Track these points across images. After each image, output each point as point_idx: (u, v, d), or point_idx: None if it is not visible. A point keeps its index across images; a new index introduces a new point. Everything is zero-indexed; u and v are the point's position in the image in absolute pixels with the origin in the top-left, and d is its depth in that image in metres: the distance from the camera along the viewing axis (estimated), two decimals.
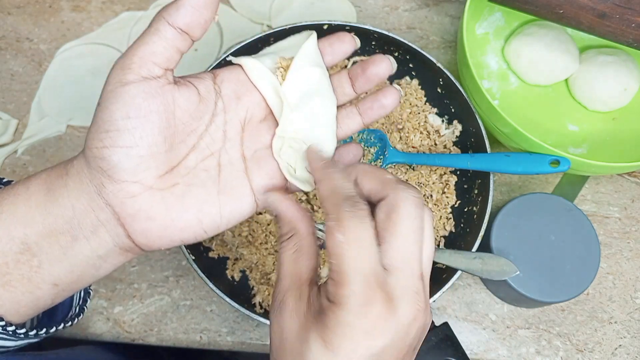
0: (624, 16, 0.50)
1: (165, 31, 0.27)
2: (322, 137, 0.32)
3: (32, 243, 0.27)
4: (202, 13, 0.28)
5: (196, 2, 0.27)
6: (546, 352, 0.53)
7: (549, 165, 0.49)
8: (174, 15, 0.27)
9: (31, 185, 0.28)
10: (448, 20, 0.68)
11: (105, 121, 0.27)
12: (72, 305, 0.35)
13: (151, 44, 0.27)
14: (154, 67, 0.28)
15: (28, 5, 0.68)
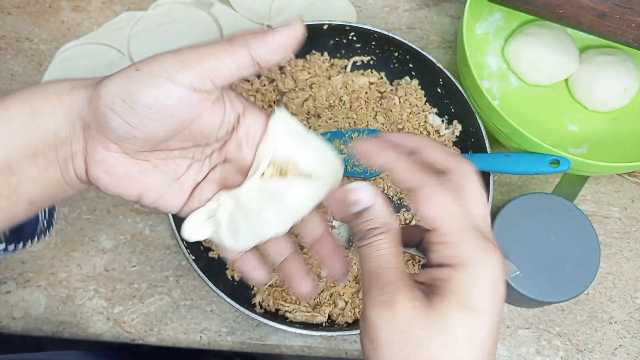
0: (624, 16, 0.50)
1: (241, 57, 0.28)
2: (271, 221, 0.31)
3: (13, 163, 0.28)
4: (283, 52, 0.29)
5: (283, 41, 0.28)
6: (546, 352, 0.53)
7: (549, 165, 0.49)
8: (259, 48, 0.28)
9: (11, 106, 0.29)
10: (448, 20, 0.68)
11: (130, 92, 0.27)
12: (39, 220, 0.36)
13: (220, 63, 0.28)
14: (209, 82, 0.28)
15: (28, 5, 0.68)
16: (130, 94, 0.27)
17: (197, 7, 0.69)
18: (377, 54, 0.60)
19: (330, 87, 0.59)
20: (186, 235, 0.32)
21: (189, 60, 0.28)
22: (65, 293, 0.54)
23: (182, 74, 0.27)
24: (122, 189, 0.31)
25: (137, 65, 0.28)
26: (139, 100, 0.27)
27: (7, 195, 0.29)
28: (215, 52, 0.28)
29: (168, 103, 0.28)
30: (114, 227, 0.57)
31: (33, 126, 0.28)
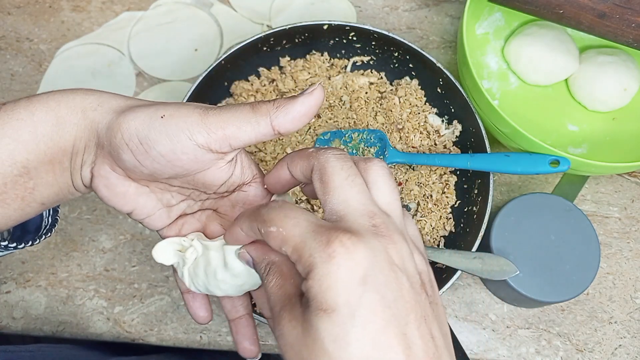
0: (624, 16, 0.50)
1: (263, 127, 0.29)
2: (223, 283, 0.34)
3: (31, 168, 0.30)
4: (303, 120, 0.30)
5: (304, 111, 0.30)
6: (546, 352, 0.53)
7: (549, 165, 0.49)
8: (281, 118, 0.29)
9: (36, 112, 0.30)
10: (448, 20, 0.68)
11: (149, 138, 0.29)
12: (43, 217, 0.37)
13: (241, 131, 0.29)
14: (227, 146, 0.30)
15: (28, 5, 0.68)
16: (148, 140, 0.29)
17: (197, 7, 0.69)
18: (377, 54, 0.60)
19: (330, 87, 0.59)
20: (155, 255, 0.35)
21: (212, 125, 0.29)
22: (65, 293, 0.54)
23: (203, 136, 0.29)
24: (117, 203, 0.33)
25: (164, 110, 0.29)
26: (156, 147, 0.29)
27: (23, 197, 0.30)
28: (239, 122, 0.29)
29: (182, 157, 0.29)
30: (114, 227, 0.57)
31: (56, 136, 0.30)
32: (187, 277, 0.35)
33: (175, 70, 0.65)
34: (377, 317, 0.24)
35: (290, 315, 0.26)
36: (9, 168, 0.29)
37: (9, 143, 0.29)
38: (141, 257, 0.56)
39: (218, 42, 0.67)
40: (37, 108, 0.30)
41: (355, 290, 0.24)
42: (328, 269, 0.24)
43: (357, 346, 0.23)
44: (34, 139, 0.30)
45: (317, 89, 0.30)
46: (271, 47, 0.58)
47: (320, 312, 0.24)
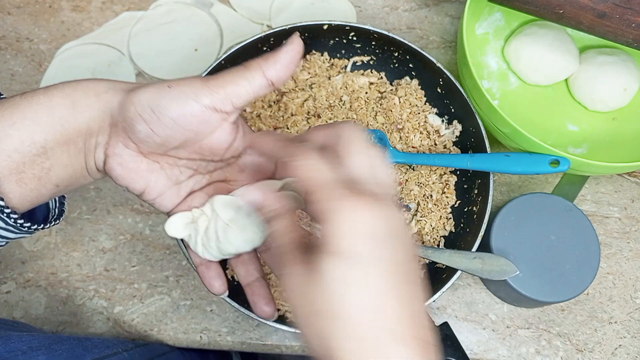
0: (624, 16, 0.50)
1: (258, 80, 0.33)
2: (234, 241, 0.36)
3: (48, 148, 0.32)
4: (291, 67, 0.33)
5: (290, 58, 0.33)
6: (546, 352, 0.53)
7: (549, 165, 0.49)
8: (272, 68, 0.33)
9: (54, 97, 0.32)
10: (448, 20, 0.68)
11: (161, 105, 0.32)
12: (50, 207, 0.39)
13: (240, 87, 0.32)
14: (229, 104, 0.33)
15: (28, 5, 0.68)
16: (160, 107, 0.32)
17: (197, 7, 0.69)
18: (377, 54, 0.60)
19: (330, 87, 0.59)
20: (168, 229, 0.37)
21: (213, 86, 0.32)
22: (65, 293, 0.55)
23: (207, 97, 0.32)
24: (129, 181, 0.35)
25: (169, 83, 0.32)
26: (168, 113, 0.32)
27: (39, 177, 0.32)
28: (235, 79, 0.32)
29: (191, 119, 0.32)
30: (114, 227, 0.57)
31: (72, 118, 0.32)
32: (200, 245, 0.37)
33: (175, 70, 0.65)
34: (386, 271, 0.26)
35: (295, 261, 0.28)
36: (28, 148, 0.31)
37: (28, 125, 0.31)
38: (141, 257, 0.56)
39: (218, 42, 0.67)
40: (54, 94, 0.32)
41: (369, 244, 0.26)
42: (347, 218, 0.26)
43: (359, 292, 0.26)
44: (52, 121, 0.32)
45: (295, 39, 0.33)
46: (271, 47, 0.58)
47: (332, 255, 0.26)
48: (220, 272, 0.39)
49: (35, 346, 0.37)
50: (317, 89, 0.59)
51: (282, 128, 0.58)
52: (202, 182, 0.38)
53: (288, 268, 0.28)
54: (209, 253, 0.37)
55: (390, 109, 0.58)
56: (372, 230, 0.26)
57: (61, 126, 0.32)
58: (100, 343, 0.43)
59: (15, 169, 0.31)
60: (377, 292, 0.26)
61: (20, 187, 0.32)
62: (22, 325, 0.47)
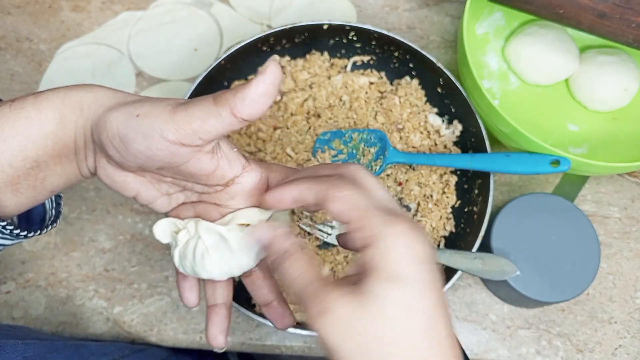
0: (624, 16, 0.50)
1: (225, 117, 0.30)
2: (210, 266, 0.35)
3: (41, 162, 0.32)
4: (264, 102, 0.30)
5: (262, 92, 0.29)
6: (546, 352, 0.53)
7: (549, 165, 0.49)
8: (239, 105, 0.29)
9: (43, 111, 0.32)
10: (448, 20, 0.68)
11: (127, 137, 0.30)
12: (46, 209, 0.39)
13: (207, 124, 0.30)
14: (197, 139, 0.30)
15: (28, 5, 0.68)
16: (127, 138, 0.30)
17: (197, 6, 0.69)
18: (377, 54, 0.60)
19: (330, 87, 0.59)
20: (155, 232, 0.36)
21: (180, 121, 0.30)
22: (65, 293, 0.54)
23: (172, 133, 0.30)
24: (120, 190, 0.35)
25: (140, 109, 0.31)
26: (134, 145, 0.30)
27: (34, 186, 0.33)
28: (203, 115, 0.30)
29: (158, 152, 0.31)
30: (114, 227, 0.57)
31: (61, 133, 0.32)
32: (177, 257, 0.36)
33: (175, 70, 0.65)
34: (433, 295, 0.27)
35: (339, 291, 0.27)
36: (21, 162, 0.32)
37: (20, 140, 0.31)
38: (141, 258, 0.56)
39: (218, 41, 0.67)
40: (44, 106, 0.32)
41: (418, 268, 0.27)
42: (397, 242, 0.27)
43: (423, 315, 0.26)
44: (43, 137, 0.32)
45: (270, 66, 0.29)
46: (271, 47, 0.58)
47: (386, 280, 0.26)
48: (195, 285, 0.38)
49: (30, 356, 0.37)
50: (317, 89, 0.59)
51: (282, 128, 0.58)
52: (192, 198, 0.37)
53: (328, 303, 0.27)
54: (183, 268, 0.36)
55: (390, 109, 0.58)
56: (420, 254, 0.27)
57: (52, 141, 0.32)
58: (97, 350, 0.42)
59: (10, 181, 0.32)
60: (431, 315, 0.27)
61: (16, 197, 0.32)
62: (19, 328, 0.47)
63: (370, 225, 0.27)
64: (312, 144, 0.57)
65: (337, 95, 0.59)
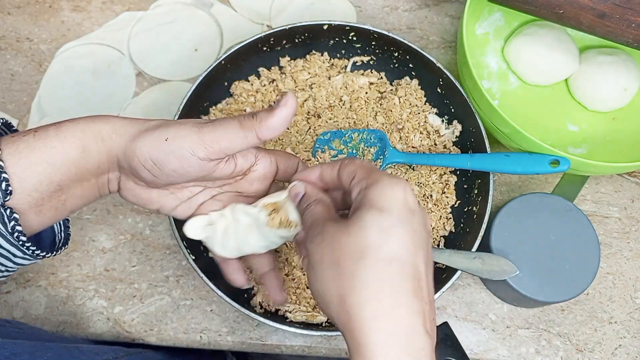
0: (624, 16, 0.50)
1: (251, 139, 0.36)
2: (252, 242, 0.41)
3: (64, 185, 0.36)
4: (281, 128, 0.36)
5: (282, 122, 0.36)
6: (546, 352, 0.53)
7: (549, 165, 0.49)
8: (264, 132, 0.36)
9: (66, 140, 0.35)
10: (448, 20, 0.68)
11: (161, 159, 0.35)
12: (55, 232, 0.42)
13: (234, 143, 0.36)
14: (223, 154, 0.36)
15: (28, 5, 0.68)
16: (160, 161, 0.35)
17: (197, 7, 0.69)
18: (377, 54, 0.60)
19: (330, 87, 0.59)
20: (187, 232, 0.41)
21: (209, 140, 0.35)
22: (65, 293, 0.55)
23: (202, 151, 0.35)
24: (144, 205, 0.40)
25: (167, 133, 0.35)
26: (168, 165, 0.35)
27: (56, 207, 0.36)
28: (229, 137, 0.35)
29: (189, 169, 0.36)
30: (114, 227, 0.57)
31: (83, 161, 0.36)
32: (218, 245, 0.40)
33: (175, 70, 0.65)
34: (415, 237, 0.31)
35: (336, 220, 0.33)
36: (47, 187, 0.35)
37: (46, 167, 0.34)
38: (141, 257, 0.56)
39: (218, 42, 0.67)
40: (66, 136, 0.35)
41: (406, 211, 0.31)
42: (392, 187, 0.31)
43: (395, 242, 0.30)
44: (66, 164, 0.35)
45: (289, 100, 0.36)
46: (271, 47, 0.58)
47: (373, 209, 0.31)
48: (240, 267, 0.43)
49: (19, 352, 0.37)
50: (317, 89, 0.59)
51: None
52: (212, 193, 0.41)
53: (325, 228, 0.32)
54: (226, 251, 0.40)
55: (390, 109, 0.58)
56: (411, 204, 0.31)
57: (75, 167, 0.35)
58: (89, 350, 0.43)
59: (35, 203, 0.35)
60: (403, 243, 0.30)
61: (39, 217, 0.36)
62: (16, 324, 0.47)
63: (374, 175, 0.33)
64: (312, 144, 0.57)
65: (337, 95, 0.59)
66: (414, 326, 0.29)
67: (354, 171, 0.34)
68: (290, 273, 0.53)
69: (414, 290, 0.30)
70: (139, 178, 0.37)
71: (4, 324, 0.45)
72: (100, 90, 0.64)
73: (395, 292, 0.29)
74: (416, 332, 0.29)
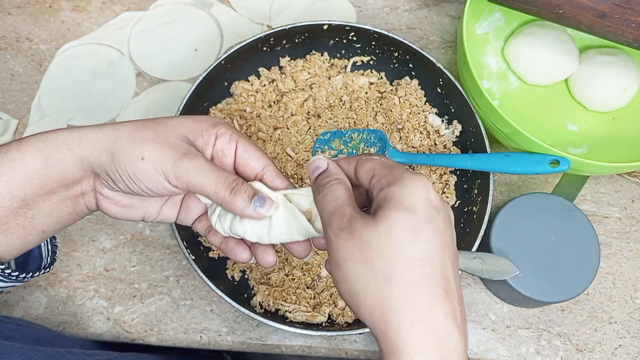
0: (624, 16, 0.50)
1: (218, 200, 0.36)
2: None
3: (29, 200, 0.34)
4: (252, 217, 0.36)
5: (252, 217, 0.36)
6: (546, 352, 0.53)
7: (549, 165, 0.49)
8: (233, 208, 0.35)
9: (27, 153, 0.34)
10: (448, 21, 0.68)
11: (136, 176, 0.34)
12: (42, 257, 0.41)
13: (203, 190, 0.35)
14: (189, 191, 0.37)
15: (28, 5, 0.68)
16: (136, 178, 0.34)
17: (197, 7, 0.69)
18: (377, 54, 0.60)
19: (330, 87, 0.59)
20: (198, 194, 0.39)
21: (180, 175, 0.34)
22: (65, 293, 0.55)
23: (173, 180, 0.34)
24: (128, 215, 0.38)
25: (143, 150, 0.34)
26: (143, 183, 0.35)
27: (24, 225, 0.34)
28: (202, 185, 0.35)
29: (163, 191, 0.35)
30: (114, 227, 0.57)
31: (47, 171, 0.34)
32: (216, 216, 0.38)
33: (175, 70, 0.65)
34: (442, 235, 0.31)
35: (361, 214, 0.32)
36: (8, 202, 0.33)
37: (6, 181, 0.33)
38: (141, 257, 0.56)
39: (218, 42, 0.67)
40: (27, 149, 0.34)
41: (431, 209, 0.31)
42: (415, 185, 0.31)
43: (425, 243, 0.30)
44: (28, 176, 0.34)
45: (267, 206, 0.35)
46: (271, 47, 0.58)
47: (400, 208, 0.30)
48: (239, 241, 0.40)
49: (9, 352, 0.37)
50: (317, 89, 0.59)
51: (282, 128, 0.58)
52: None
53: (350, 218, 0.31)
54: (220, 226, 0.38)
55: (390, 109, 0.58)
56: (434, 201, 0.31)
57: (38, 179, 0.34)
58: (81, 352, 0.43)
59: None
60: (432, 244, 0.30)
61: (6, 237, 0.34)
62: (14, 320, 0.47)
63: (395, 172, 0.32)
64: (312, 144, 0.57)
65: (337, 95, 0.59)
66: (448, 329, 0.29)
67: (373, 169, 0.33)
68: (290, 273, 0.53)
69: (445, 292, 0.30)
70: (114, 188, 0.36)
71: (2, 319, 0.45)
72: (100, 90, 0.64)
73: (430, 295, 0.29)
74: (451, 335, 0.29)
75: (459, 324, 0.30)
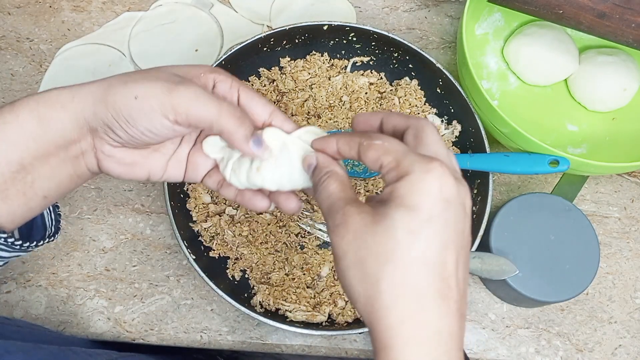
0: (624, 16, 0.50)
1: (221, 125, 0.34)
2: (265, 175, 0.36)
3: (27, 164, 0.33)
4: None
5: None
6: (546, 351, 0.53)
7: (548, 165, 0.49)
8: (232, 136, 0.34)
9: (20, 114, 0.33)
10: (448, 21, 0.68)
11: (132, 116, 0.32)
12: (46, 226, 0.40)
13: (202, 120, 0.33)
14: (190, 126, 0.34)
15: (28, 5, 0.68)
16: (132, 119, 0.32)
17: (197, 7, 0.69)
18: (377, 55, 0.60)
19: (330, 88, 0.59)
20: (205, 147, 0.38)
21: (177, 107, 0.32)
22: (66, 293, 0.55)
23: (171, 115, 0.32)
24: (132, 174, 0.36)
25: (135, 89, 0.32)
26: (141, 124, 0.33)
27: (24, 191, 0.33)
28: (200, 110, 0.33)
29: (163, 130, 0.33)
30: (115, 226, 0.57)
31: (42, 132, 0.33)
32: (229, 169, 0.36)
33: None
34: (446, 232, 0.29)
35: (358, 208, 0.30)
36: (5, 167, 0.32)
37: (0, 145, 0.32)
38: (142, 257, 0.56)
39: (218, 42, 0.67)
40: (20, 111, 0.33)
41: (439, 204, 0.28)
42: (423, 178, 0.29)
43: (424, 244, 0.28)
44: (23, 138, 0.32)
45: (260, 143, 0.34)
46: (271, 47, 0.58)
47: (402, 207, 0.28)
48: (256, 191, 0.39)
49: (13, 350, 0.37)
50: (317, 89, 0.59)
51: None
52: (193, 137, 0.39)
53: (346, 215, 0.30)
54: (236, 179, 0.36)
55: (390, 109, 0.58)
56: (446, 192, 0.29)
57: (34, 141, 0.33)
58: (82, 351, 0.42)
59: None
60: (431, 244, 0.28)
61: (7, 204, 0.33)
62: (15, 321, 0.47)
63: (404, 163, 0.29)
64: None
65: (337, 95, 0.59)
66: (439, 329, 0.28)
67: (379, 158, 0.31)
68: (290, 273, 0.53)
69: (440, 292, 0.29)
70: (114, 139, 0.34)
71: (2, 321, 0.45)
72: None
73: (422, 295, 0.28)
74: (442, 335, 0.28)
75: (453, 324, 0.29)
